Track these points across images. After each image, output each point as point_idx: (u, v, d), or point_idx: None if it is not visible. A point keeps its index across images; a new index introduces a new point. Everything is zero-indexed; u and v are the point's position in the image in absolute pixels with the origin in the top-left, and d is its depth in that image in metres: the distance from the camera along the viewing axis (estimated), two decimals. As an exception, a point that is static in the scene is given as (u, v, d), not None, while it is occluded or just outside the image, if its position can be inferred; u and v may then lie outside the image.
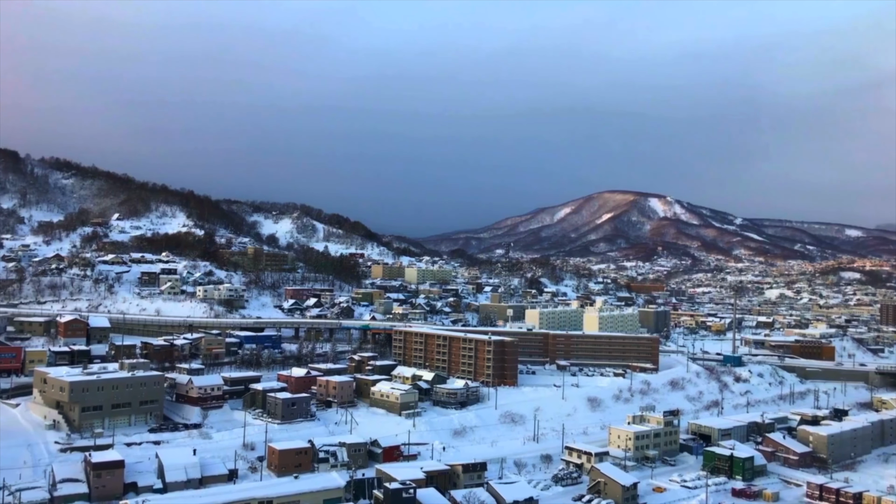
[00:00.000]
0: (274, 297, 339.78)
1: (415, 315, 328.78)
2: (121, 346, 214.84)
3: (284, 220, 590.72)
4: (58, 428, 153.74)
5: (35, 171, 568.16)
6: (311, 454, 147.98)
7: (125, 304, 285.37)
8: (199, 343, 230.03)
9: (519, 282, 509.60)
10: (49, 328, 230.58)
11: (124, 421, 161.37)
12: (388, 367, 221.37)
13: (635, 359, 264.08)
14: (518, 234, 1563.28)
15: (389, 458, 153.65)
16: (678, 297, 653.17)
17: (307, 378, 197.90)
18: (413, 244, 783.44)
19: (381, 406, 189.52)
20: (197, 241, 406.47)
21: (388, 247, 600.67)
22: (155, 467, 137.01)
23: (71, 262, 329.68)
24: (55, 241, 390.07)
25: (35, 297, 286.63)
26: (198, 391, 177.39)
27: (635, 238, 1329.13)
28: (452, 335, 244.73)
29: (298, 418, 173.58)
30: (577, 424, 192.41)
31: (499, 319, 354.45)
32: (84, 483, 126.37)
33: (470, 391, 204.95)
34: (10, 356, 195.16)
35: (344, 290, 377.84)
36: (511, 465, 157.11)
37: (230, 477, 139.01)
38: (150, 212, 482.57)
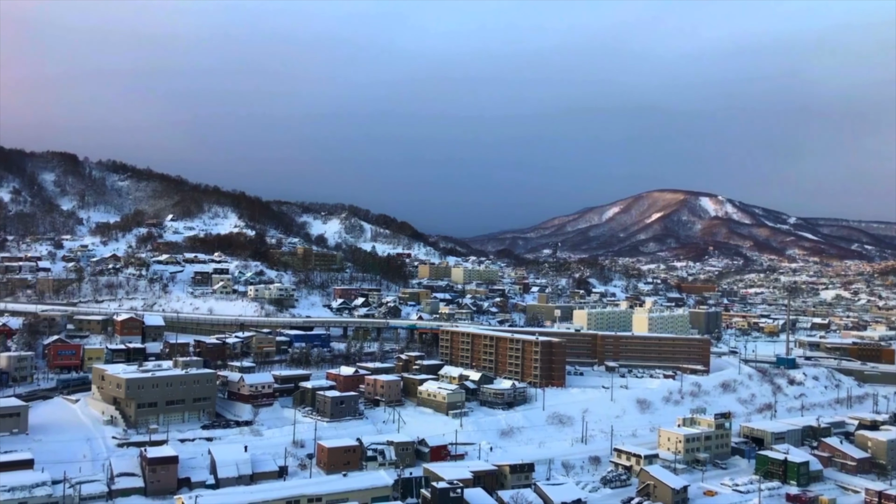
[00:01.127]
0: (323, 296, 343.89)
1: (461, 315, 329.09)
2: (175, 345, 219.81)
3: (333, 220, 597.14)
4: (115, 423, 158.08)
5: (93, 174, 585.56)
6: (360, 452, 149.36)
7: (179, 303, 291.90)
8: (251, 341, 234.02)
9: (567, 282, 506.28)
10: (106, 326, 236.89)
11: (178, 417, 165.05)
12: (434, 367, 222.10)
13: (685, 360, 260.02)
14: (565, 233, 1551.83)
15: (437, 458, 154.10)
16: (730, 298, 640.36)
17: (355, 377, 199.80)
18: (459, 244, 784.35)
19: (428, 405, 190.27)
20: (248, 242, 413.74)
21: (434, 247, 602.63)
22: (207, 463, 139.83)
23: (127, 262, 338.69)
24: (112, 241, 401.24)
25: (93, 296, 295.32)
26: (249, 389, 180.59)
27: (685, 238, 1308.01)
28: (499, 335, 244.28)
29: (347, 416, 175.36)
30: (626, 426, 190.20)
31: (546, 320, 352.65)
32: (140, 477, 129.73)
33: (517, 392, 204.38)
34: (70, 353, 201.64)
35: (391, 290, 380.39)
36: (559, 466, 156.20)
37: (280, 474, 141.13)
38: (202, 213, 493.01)
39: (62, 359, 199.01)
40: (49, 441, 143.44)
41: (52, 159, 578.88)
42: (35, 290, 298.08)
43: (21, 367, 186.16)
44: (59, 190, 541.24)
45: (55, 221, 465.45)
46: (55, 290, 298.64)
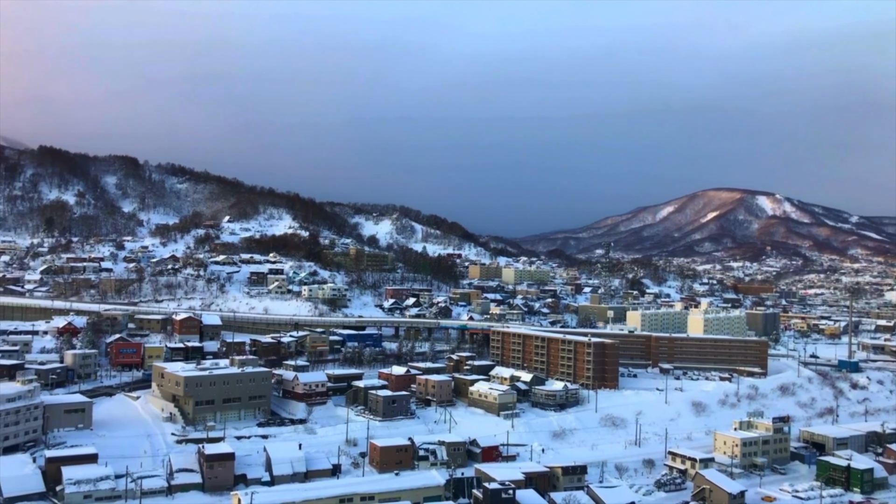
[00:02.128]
0: (375, 296, 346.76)
1: (512, 316, 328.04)
2: (231, 343, 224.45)
3: (384, 221, 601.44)
4: (174, 420, 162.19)
5: (153, 177, 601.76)
6: (412, 452, 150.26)
7: (235, 302, 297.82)
8: (305, 341, 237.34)
9: (620, 282, 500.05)
10: (165, 325, 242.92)
11: (234, 415, 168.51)
12: (486, 368, 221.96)
13: (742, 363, 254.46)
14: (618, 233, 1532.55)
15: (488, 458, 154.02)
16: (788, 299, 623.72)
17: (407, 376, 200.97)
18: (510, 244, 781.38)
19: (479, 406, 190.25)
20: (302, 242, 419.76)
21: (485, 247, 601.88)
22: (263, 460, 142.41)
23: (185, 263, 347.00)
24: (171, 242, 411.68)
25: (153, 295, 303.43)
26: (303, 387, 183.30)
27: (742, 237, 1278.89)
28: (551, 336, 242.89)
29: (399, 416, 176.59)
30: (681, 429, 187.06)
31: (599, 321, 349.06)
32: (198, 473, 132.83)
33: (569, 393, 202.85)
34: (131, 351, 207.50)
35: (442, 290, 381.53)
36: (612, 468, 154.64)
37: (334, 472, 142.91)
38: (258, 214, 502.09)
39: (124, 357, 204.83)
40: (112, 436, 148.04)
41: (114, 163, 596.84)
42: (98, 290, 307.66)
43: (85, 365, 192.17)
44: (121, 192, 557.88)
45: (117, 223, 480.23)
46: (117, 290, 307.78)
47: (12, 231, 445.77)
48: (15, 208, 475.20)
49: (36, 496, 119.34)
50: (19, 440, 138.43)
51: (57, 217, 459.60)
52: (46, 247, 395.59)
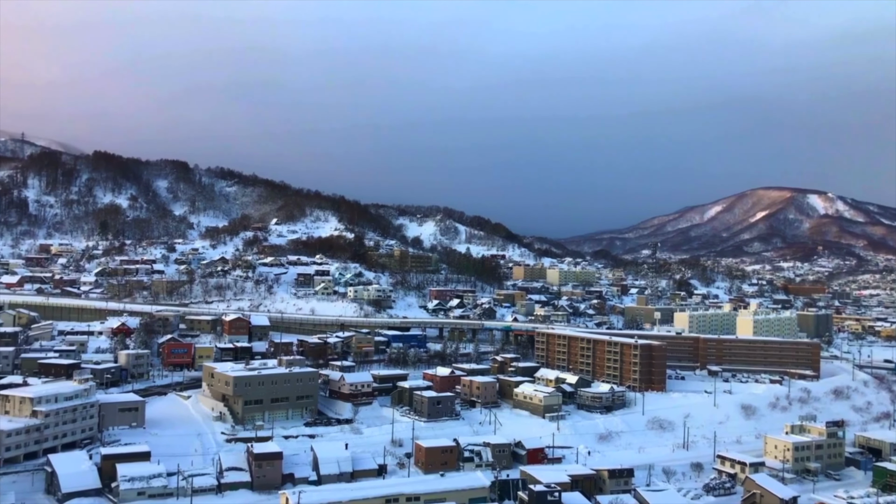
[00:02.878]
0: (419, 297, 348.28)
1: (557, 317, 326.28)
2: (279, 344, 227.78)
3: (428, 222, 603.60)
4: (224, 419, 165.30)
5: (202, 180, 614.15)
6: (457, 453, 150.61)
7: (283, 303, 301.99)
8: (351, 341, 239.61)
9: (667, 283, 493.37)
10: (215, 326, 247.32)
11: (282, 414, 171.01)
12: (530, 369, 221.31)
13: (794, 365, 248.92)
14: (665, 233, 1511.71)
15: (533, 460, 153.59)
16: (842, 300, 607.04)
17: (451, 377, 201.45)
18: (554, 245, 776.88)
19: (524, 408, 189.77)
20: (347, 244, 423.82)
21: (529, 248, 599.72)
22: (310, 460, 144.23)
23: (234, 265, 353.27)
24: (220, 244, 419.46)
25: (203, 296, 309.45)
26: (349, 387, 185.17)
27: (792, 237, 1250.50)
28: (597, 338, 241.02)
29: (443, 417, 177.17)
30: (730, 433, 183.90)
31: (645, 322, 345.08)
32: (247, 472, 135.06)
33: (615, 395, 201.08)
34: (182, 352, 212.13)
35: (486, 292, 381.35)
36: (659, 472, 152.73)
37: (379, 472, 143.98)
38: (304, 216, 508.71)
39: (175, 357, 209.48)
40: (164, 435, 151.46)
41: (165, 167, 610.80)
42: (150, 292, 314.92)
43: (138, 365, 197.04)
44: (172, 196, 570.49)
45: (168, 226, 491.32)
46: (168, 292, 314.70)
47: (69, 234, 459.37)
48: (71, 212, 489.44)
49: (92, 492, 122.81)
50: (76, 437, 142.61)
51: (111, 220, 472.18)
52: (101, 249, 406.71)
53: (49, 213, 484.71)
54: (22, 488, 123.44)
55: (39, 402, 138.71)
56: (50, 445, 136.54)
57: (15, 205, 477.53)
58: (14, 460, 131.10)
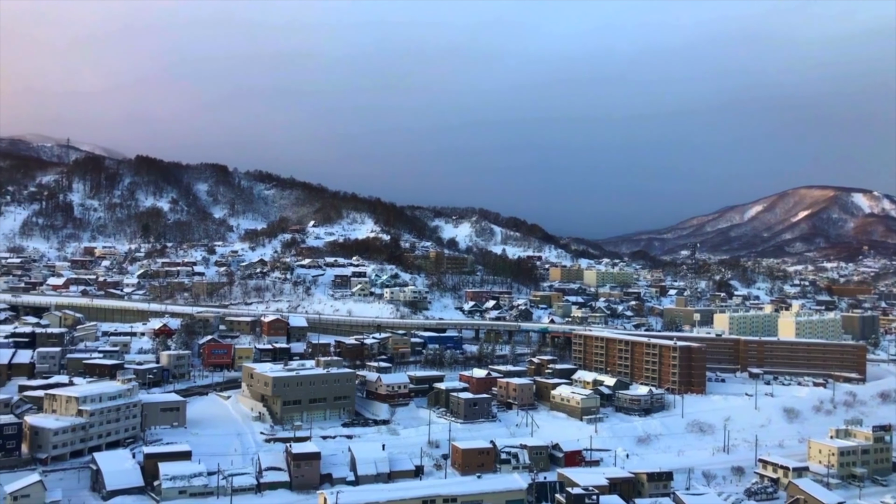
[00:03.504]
0: (455, 298, 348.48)
1: (595, 319, 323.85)
2: (317, 345, 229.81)
3: (464, 224, 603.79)
4: (262, 419, 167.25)
5: (242, 184, 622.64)
6: (494, 455, 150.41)
7: (320, 304, 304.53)
8: (387, 342, 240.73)
9: (706, 284, 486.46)
10: (254, 327, 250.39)
11: (320, 415, 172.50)
12: (567, 371, 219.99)
13: (838, 368, 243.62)
14: (704, 234, 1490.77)
15: (571, 463, 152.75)
16: (888, 301, 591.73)
17: (488, 379, 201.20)
18: (592, 246, 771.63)
19: (561, 410, 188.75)
20: (384, 246, 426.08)
21: (565, 249, 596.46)
22: (347, 460, 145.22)
23: (273, 267, 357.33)
24: (259, 247, 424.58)
25: (242, 298, 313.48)
26: (386, 388, 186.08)
27: (836, 237, 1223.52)
28: (635, 340, 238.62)
29: (480, 418, 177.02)
30: (772, 436, 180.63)
31: (685, 324, 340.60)
32: (285, 472, 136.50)
33: (654, 398, 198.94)
34: (222, 352, 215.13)
35: (522, 293, 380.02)
36: (699, 475, 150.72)
37: (416, 473, 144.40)
38: (341, 219, 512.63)
39: (215, 357, 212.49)
40: (204, 434, 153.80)
41: (205, 171, 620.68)
42: (191, 293, 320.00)
43: (180, 365, 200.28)
44: (212, 199, 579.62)
45: (208, 228, 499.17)
46: (209, 293, 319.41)
47: (112, 237, 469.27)
48: (114, 215, 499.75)
49: (135, 490, 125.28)
50: (120, 436, 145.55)
51: (152, 223, 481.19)
52: (143, 252, 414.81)
53: (93, 216, 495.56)
54: (69, 485, 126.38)
55: (85, 401, 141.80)
56: (95, 444, 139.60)
57: (61, 209, 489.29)
58: (61, 458, 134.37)
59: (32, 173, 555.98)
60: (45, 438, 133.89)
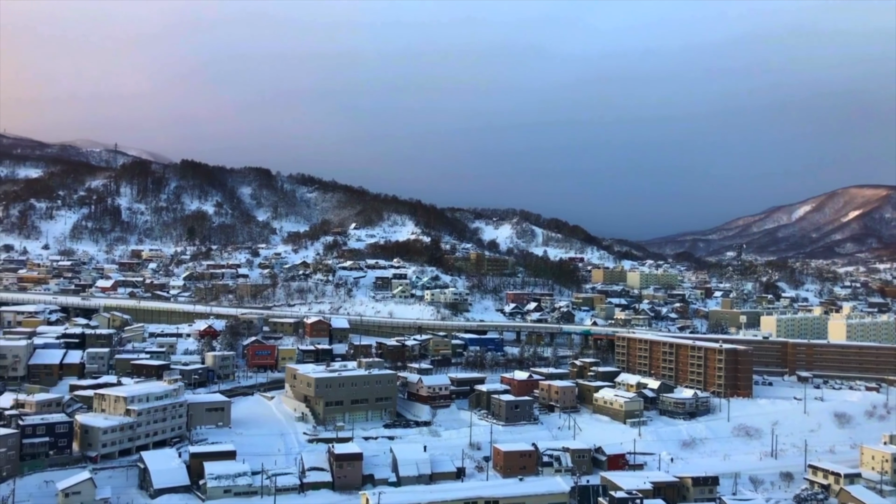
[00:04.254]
0: (495, 300, 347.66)
1: (638, 321, 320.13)
2: (358, 346, 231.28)
3: (504, 225, 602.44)
4: (305, 420, 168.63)
5: (284, 187, 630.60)
6: (536, 457, 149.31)
7: (362, 306, 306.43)
8: (428, 344, 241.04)
9: (753, 286, 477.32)
10: (297, 328, 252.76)
11: (361, 416, 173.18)
12: (611, 374, 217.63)
13: (892, 371, 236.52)
14: (751, 234, 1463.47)
15: (614, 467, 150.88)
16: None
17: (529, 381, 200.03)
18: (635, 247, 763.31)
19: (604, 413, 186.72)
20: (424, 248, 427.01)
21: (608, 250, 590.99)
22: (389, 461, 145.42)
23: (315, 269, 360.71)
24: (302, 249, 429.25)
25: (285, 300, 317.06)
26: (427, 390, 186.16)
27: (890, 237, 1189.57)
28: (679, 342, 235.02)
29: (521, 421, 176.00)
30: (822, 442, 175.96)
31: (731, 326, 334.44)
32: (328, 472, 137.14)
33: (699, 401, 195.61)
34: (266, 353, 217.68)
35: (563, 295, 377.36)
36: (746, 481, 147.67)
37: (458, 475, 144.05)
38: (382, 221, 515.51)
39: (259, 358, 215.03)
40: (248, 434, 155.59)
41: (248, 174, 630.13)
42: (235, 295, 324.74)
43: (224, 366, 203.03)
44: (255, 202, 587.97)
45: (252, 231, 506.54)
46: (253, 295, 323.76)
47: (159, 240, 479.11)
48: (161, 218, 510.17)
49: (182, 489, 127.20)
50: (166, 436, 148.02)
51: (198, 226, 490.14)
52: (189, 254, 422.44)
53: (140, 219, 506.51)
54: (117, 483, 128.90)
55: (133, 401, 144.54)
56: (142, 443, 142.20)
57: (109, 212, 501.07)
58: (110, 456, 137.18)
59: (82, 178, 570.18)
60: (95, 437, 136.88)
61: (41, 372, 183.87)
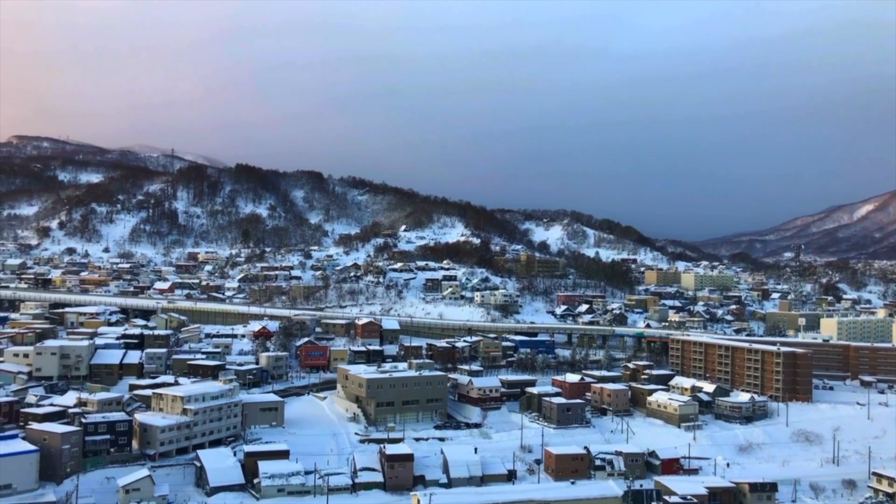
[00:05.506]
0: (546, 302, 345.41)
1: (693, 323, 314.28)
2: (409, 347, 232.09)
3: (555, 226, 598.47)
4: (357, 420, 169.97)
5: (336, 190, 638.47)
6: (588, 461, 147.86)
7: (412, 307, 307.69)
8: (478, 346, 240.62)
9: (812, 288, 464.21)
10: (349, 329, 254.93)
11: (412, 417, 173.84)
12: (664, 377, 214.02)
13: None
14: (810, 234, 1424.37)
15: (668, 471, 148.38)
16: None
17: (581, 384, 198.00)
18: (689, 248, 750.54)
19: (657, 416, 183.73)
20: (474, 249, 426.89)
21: (661, 251, 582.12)
22: (440, 462, 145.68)
23: (366, 270, 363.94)
24: (353, 251, 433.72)
25: (337, 301, 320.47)
26: (477, 392, 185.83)
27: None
28: (736, 345, 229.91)
29: (573, 424, 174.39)
30: (887, 448, 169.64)
31: (789, 329, 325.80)
32: (380, 472, 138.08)
33: (756, 405, 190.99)
34: (318, 354, 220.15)
35: (616, 297, 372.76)
36: (806, 487, 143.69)
37: (509, 477, 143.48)
38: (432, 223, 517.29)
39: (312, 359, 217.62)
40: (301, 434, 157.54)
41: (301, 178, 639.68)
42: (288, 297, 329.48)
43: (278, 366, 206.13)
44: (308, 205, 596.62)
45: (304, 234, 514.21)
46: (305, 296, 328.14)
47: (214, 243, 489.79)
48: (216, 222, 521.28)
49: (237, 487, 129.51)
50: (222, 435, 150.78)
51: (252, 229, 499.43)
52: (243, 257, 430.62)
53: (196, 223, 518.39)
54: (175, 481, 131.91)
55: (189, 400, 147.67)
56: (198, 442, 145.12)
57: (166, 216, 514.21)
58: (167, 454, 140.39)
59: (140, 183, 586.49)
60: (154, 435, 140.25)
61: (102, 371, 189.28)
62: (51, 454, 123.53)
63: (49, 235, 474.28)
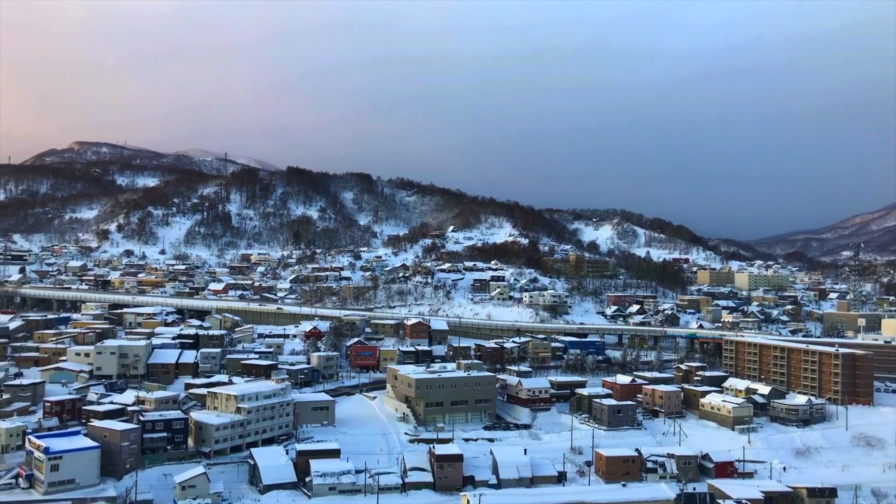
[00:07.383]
0: (596, 303, 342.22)
1: (747, 324, 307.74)
2: (457, 348, 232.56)
3: (604, 226, 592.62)
4: (406, 420, 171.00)
5: (384, 191, 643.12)
6: (639, 463, 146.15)
7: (460, 308, 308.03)
8: (527, 346, 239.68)
9: (872, 288, 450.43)
10: (398, 330, 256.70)
11: (461, 417, 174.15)
12: (718, 379, 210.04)
13: None
14: (869, 233, 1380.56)
15: (722, 474, 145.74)
16: None
17: (632, 386, 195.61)
18: (742, 247, 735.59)
19: (710, 419, 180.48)
20: (522, 250, 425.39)
21: (714, 251, 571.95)
22: (489, 463, 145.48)
23: (414, 271, 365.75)
24: (401, 252, 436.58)
25: (386, 301, 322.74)
26: (527, 393, 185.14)
27: None
28: (792, 346, 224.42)
29: (624, 426, 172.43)
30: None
31: (848, 330, 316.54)
32: (429, 472, 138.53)
33: (814, 408, 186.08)
34: (368, 354, 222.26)
35: (667, 297, 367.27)
36: (867, 493, 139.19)
37: (559, 479, 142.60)
38: (480, 223, 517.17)
39: (362, 359, 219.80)
40: (351, 434, 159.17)
41: (350, 180, 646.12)
42: (339, 297, 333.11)
43: (328, 366, 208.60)
44: (357, 207, 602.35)
45: (354, 235, 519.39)
46: (355, 297, 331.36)
47: (266, 244, 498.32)
48: (268, 224, 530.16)
49: (289, 485, 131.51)
50: (274, 433, 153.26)
51: (303, 231, 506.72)
52: (294, 258, 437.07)
53: (249, 225, 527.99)
54: (229, 478, 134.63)
55: (243, 399, 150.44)
56: (252, 440, 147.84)
57: (220, 218, 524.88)
58: (222, 452, 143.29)
59: (195, 186, 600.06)
60: (208, 433, 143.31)
61: (159, 370, 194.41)
62: (111, 450, 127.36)
63: (108, 238, 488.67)
